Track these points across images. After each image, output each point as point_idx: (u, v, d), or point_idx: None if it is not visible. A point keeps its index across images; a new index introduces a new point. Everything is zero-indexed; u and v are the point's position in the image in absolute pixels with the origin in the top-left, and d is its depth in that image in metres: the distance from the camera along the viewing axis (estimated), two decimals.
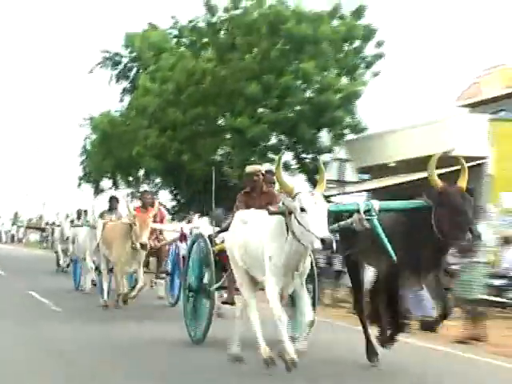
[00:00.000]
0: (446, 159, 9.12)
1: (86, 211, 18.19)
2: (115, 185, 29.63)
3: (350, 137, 21.75)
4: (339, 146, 20.91)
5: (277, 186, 8.20)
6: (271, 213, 6.54)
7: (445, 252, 7.03)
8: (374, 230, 6.93)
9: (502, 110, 31.63)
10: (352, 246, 7.38)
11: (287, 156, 21.62)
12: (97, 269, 13.00)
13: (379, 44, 21.34)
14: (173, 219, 22.45)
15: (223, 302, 9.00)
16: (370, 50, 21.10)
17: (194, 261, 8.76)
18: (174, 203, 26.47)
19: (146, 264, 12.29)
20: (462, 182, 6.93)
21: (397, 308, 7.03)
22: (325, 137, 22.37)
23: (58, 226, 20.96)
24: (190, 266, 8.86)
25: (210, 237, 8.40)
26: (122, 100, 28.34)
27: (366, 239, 7.09)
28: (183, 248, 12.02)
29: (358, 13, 21.09)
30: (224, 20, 21.08)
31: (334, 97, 19.25)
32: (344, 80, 20.34)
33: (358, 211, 7.01)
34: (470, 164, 15.32)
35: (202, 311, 8.59)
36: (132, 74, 28.64)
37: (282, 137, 20.67)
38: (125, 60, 28.72)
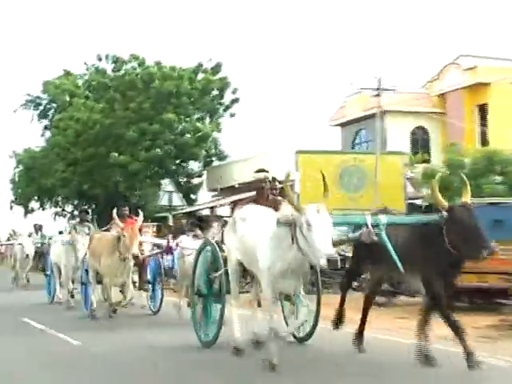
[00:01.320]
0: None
1: (41, 226, 20.32)
2: (42, 206, 36.91)
3: (216, 163, 29.87)
4: (205, 171, 28.35)
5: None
6: (279, 224, 6.80)
7: (460, 265, 7.18)
8: (383, 243, 7.22)
9: (361, 129, 39.27)
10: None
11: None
12: (82, 283, 13.08)
13: (233, 92, 28.80)
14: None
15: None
16: (228, 96, 28.18)
17: (202, 267, 8.91)
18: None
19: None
20: (466, 198, 7.18)
21: (449, 317, 7.12)
22: (194, 165, 29.89)
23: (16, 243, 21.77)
24: (198, 272, 9.03)
25: (217, 243, 8.58)
26: (43, 135, 34.05)
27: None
28: (168, 260, 13.06)
29: (216, 68, 28.42)
30: (111, 79, 27.80)
31: (191, 138, 26.37)
32: (203, 123, 27.20)
33: (366, 225, 7.33)
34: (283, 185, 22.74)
35: (212, 315, 8.69)
36: (50, 113, 33.92)
37: (156, 169, 27.28)
38: (44, 101, 34.07)
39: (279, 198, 8.04)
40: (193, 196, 28.83)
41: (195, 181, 28.25)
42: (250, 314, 8.22)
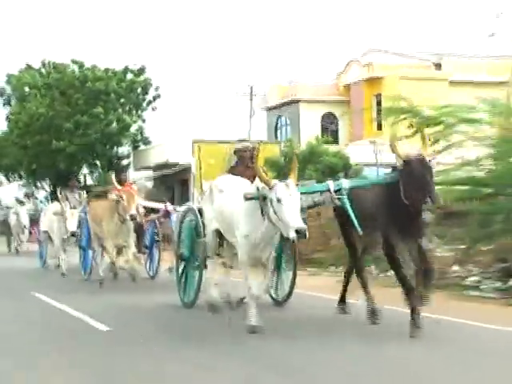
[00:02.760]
0: None
1: (32, 193, 23.73)
2: (7, 179, 44.69)
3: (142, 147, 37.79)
4: (132, 154, 36.21)
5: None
6: (247, 199, 7.34)
7: (417, 217, 7.60)
8: (344, 207, 7.96)
9: (281, 116, 46.63)
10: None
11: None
12: (81, 247, 13.74)
13: (156, 89, 36.52)
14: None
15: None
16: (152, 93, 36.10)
17: (185, 232, 9.49)
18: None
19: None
20: (424, 151, 7.72)
21: (399, 273, 7.67)
22: (124, 149, 37.61)
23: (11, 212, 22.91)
24: (182, 237, 9.61)
25: (199, 210, 9.02)
26: (8, 120, 38.34)
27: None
28: (171, 224, 12.81)
29: (140, 71, 36.18)
30: (54, 79, 35.15)
31: (114, 128, 34.16)
32: (127, 115, 34.75)
33: (328, 190, 8.02)
34: (182, 168, 30.57)
35: (192, 279, 9.35)
36: (13, 102, 39.45)
37: (90, 152, 34.99)
38: (8, 91, 39.11)
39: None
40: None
41: (124, 162, 35.53)
42: (223, 277, 8.73)
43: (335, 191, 8.05)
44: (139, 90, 35.32)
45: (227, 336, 7.38)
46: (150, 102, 36.07)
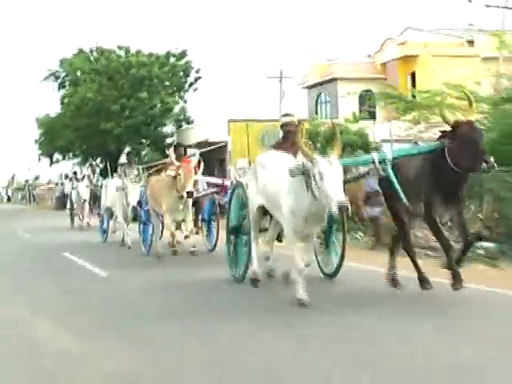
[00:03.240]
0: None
1: (95, 169, 24.56)
2: (64, 158, 47.85)
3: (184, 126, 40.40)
4: (176, 133, 38.88)
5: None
6: (292, 175, 7.47)
7: (462, 183, 7.76)
8: (388, 177, 8.06)
9: (321, 93, 48.53)
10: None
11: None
12: (142, 222, 14.00)
13: (197, 71, 39.50)
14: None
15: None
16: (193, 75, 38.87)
17: (235, 206, 9.63)
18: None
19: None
20: (471, 115, 7.87)
21: (441, 238, 7.89)
22: (168, 128, 40.37)
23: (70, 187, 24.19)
24: (232, 210, 9.76)
25: (246, 184, 9.05)
26: (62, 103, 41.27)
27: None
28: (224, 199, 12.51)
29: (182, 55, 38.97)
30: (102, 66, 38.09)
31: (158, 111, 37.17)
32: (169, 98, 37.81)
33: (373, 162, 8.17)
34: (219, 145, 33.16)
35: (241, 252, 9.47)
36: (67, 85, 41.83)
37: (136, 134, 38.02)
38: (62, 75, 41.82)
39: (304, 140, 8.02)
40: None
41: (169, 140, 37.30)
42: (267, 251, 8.99)
43: (379, 162, 8.20)
44: (181, 73, 38.06)
45: (270, 307, 7.62)
46: (191, 84, 38.85)
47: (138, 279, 10.16)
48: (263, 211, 8.74)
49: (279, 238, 9.40)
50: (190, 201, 12.35)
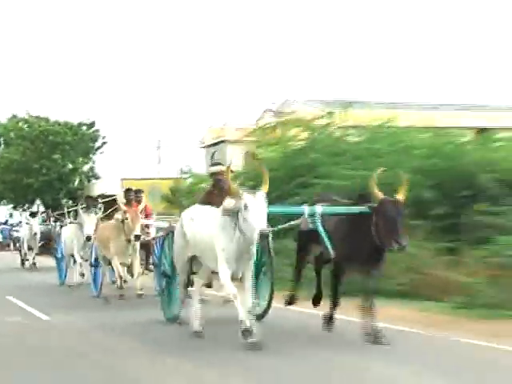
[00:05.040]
0: None
1: (36, 213, 26.67)
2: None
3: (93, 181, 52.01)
4: (84, 186, 50.59)
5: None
6: (224, 213, 8.26)
7: (382, 252, 8.49)
8: (317, 230, 8.71)
9: (215, 152, 59.89)
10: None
11: None
12: (92, 264, 14.81)
13: (103, 138, 51.28)
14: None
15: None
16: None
17: (169, 250, 10.21)
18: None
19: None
20: (401, 195, 8.44)
21: (337, 290, 8.83)
22: (76, 183, 51.92)
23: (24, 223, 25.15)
24: (165, 255, 10.44)
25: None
26: None
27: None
28: None
29: (91, 125, 50.61)
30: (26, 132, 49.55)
31: (68, 169, 49.04)
32: (80, 160, 49.79)
33: (303, 214, 8.81)
34: (113, 197, 43.76)
35: (174, 295, 10.05)
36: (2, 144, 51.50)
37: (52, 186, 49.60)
38: None
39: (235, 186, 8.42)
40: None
41: (79, 192, 48.18)
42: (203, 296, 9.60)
43: (309, 215, 8.75)
44: (89, 140, 50.02)
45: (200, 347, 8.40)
46: (98, 148, 50.92)
47: (80, 322, 10.82)
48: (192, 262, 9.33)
49: (209, 285, 9.99)
50: (138, 244, 12.87)
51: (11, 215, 47.55)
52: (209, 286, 10.06)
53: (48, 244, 23.91)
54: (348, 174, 15.41)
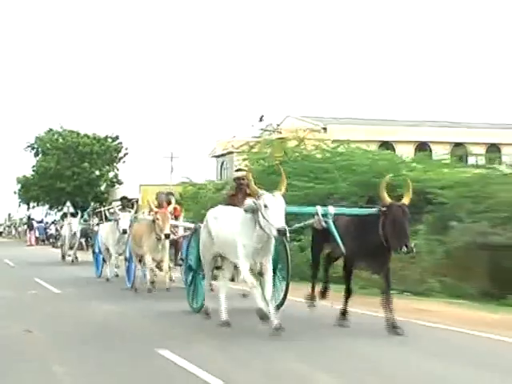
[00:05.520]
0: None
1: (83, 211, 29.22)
2: (38, 204, 63.02)
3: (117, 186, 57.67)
4: (109, 190, 58.92)
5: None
6: (246, 211, 8.56)
7: (388, 252, 8.75)
8: (330, 229, 9.03)
9: (224, 161, 67.53)
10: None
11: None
12: (126, 259, 15.34)
13: (126, 149, 57.23)
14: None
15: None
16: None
17: (195, 247, 10.61)
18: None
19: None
20: (406, 199, 8.62)
21: (349, 285, 9.14)
22: (104, 187, 60.01)
23: (66, 223, 26.69)
24: (191, 250, 10.88)
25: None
26: (33, 170, 57.52)
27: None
28: None
29: (115, 138, 55.78)
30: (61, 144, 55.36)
31: (95, 176, 55.03)
32: (104, 168, 55.74)
33: (317, 214, 9.11)
34: (133, 200, 48.09)
35: (200, 287, 10.42)
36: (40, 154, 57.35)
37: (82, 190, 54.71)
38: (36, 146, 57.35)
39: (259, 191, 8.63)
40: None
41: (104, 196, 55.69)
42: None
43: (322, 215, 9.11)
44: (114, 150, 55.93)
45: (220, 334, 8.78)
46: (120, 158, 56.63)
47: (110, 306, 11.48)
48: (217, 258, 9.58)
49: (232, 279, 10.16)
50: (167, 242, 13.41)
51: (46, 215, 56.16)
52: (232, 279, 10.21)
53: (87, 240, 26.01)
54: (304, 186, 17.64)
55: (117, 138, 55.43)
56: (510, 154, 42.41)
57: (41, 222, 52.47)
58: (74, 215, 28.98)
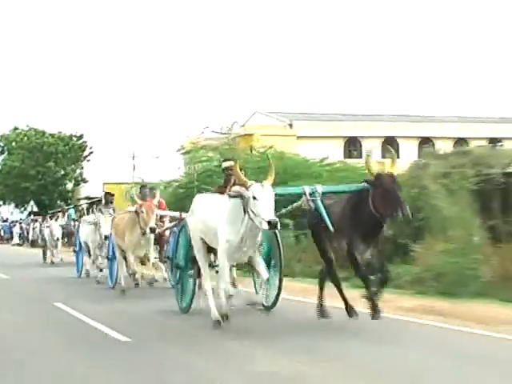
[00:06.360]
0: None
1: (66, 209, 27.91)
2: (4, 203, 62.49)
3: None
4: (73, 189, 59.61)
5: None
6: (231, 196, 8.28)
7: (381, 226, 8.43)
8: (318, 209, 8.66)
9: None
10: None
11: None
12: (108, 258, 14.69)
13: (90, 148, 56.61)
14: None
15: None
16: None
17: (182, 243, 10.14)
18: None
19: None
20: (393, 169, 8.53)
21: (359, 270, 8.42)
22: (71, 186, 60.44)
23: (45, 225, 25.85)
24: (179, 247, 10.36)
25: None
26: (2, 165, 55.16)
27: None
28: None
29: (80, 137, 55.75)
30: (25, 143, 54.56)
31: (59, 175, 54.95)
32: (70, 168, 55.79)
33: (304, 194, 8.77)
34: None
35: (187, 286, 9.99)
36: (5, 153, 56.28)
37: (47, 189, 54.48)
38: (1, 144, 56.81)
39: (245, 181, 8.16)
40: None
41: (69, 194, 55.39)
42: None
43: (310, 194, 8.77)
44: (78, 149, 55.86)
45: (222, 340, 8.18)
46: (85, 157, 56.60)
47: (100, 314, 10.43)
48: (207, 248, 9.09)
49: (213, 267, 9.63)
50: (152, 236, 12.65)
51: (11, 214, 56.31)
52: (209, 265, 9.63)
53: (69, 239, 24.72)
54: None
55: (81, 136, 55.52)
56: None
57: (5, 221, 52.16)
58: (38, 214, 29.73)
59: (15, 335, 8.98)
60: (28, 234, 41.06)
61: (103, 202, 17.09)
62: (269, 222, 7.75)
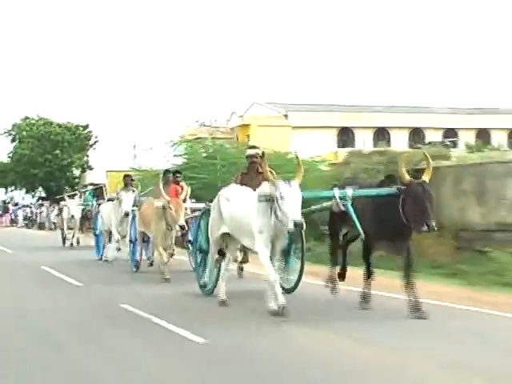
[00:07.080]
0: None
1: (85, 191, 26.48)
2: (15, 188, 61.01)
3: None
4: (81, 176, 62.92)
5: None
6: (260, 199, 8.19)
7: (408, 230, 8.34)
8: (348, 212, 8.67)
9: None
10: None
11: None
12: (130, 241, 14.53)
13: (96, 137, 59.31)
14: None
15: (241, 262, 11.03)
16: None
17: (204, 228, 10.15)
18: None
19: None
20: (426, 177, 8.27)
21: (369, 267, 8.79)
22: (79, 173, 60.60)
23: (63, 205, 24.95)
24: (201, 231, 10.44)
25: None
26: (9, 156, 59.29)
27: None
28: None
29: (85, 126, 57.80)
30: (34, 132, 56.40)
31: (66, 162, 56.82)
32: (75, 155, 57.47)
33: (334, 197, 8.79)
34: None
35: (210, 269, 9.87)
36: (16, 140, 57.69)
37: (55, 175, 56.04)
38: (13, 132, 58.37)
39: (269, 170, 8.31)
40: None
41: (76, 180, 56.97)
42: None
43: (340, 198, 8.82)
44: (84, 138, 58.06)
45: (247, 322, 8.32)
46: (91, 145, 58.79)
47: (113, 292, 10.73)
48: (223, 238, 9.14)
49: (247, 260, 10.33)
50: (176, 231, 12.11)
51: (23, 199, 58.94)
52: (246, 261, 10.31)
53: (87, 222, 23.42)
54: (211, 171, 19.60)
55: (87, 126, 58.92)
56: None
57: (16, 204, 54.56)
58: (46, 199, 29.56)
59: (50, 316, 9.21)
60: (36, 217, 44.03)
61: (123, 184, 16.52)
62: (295, 223, 7.81)
